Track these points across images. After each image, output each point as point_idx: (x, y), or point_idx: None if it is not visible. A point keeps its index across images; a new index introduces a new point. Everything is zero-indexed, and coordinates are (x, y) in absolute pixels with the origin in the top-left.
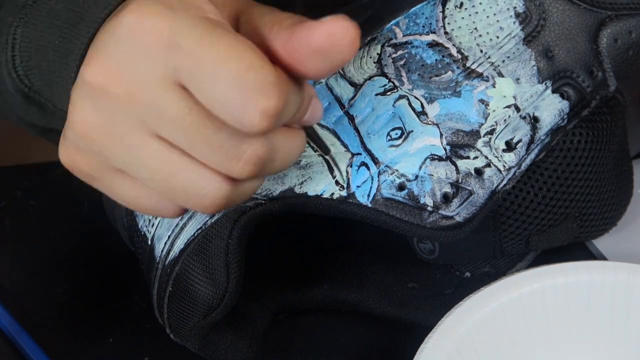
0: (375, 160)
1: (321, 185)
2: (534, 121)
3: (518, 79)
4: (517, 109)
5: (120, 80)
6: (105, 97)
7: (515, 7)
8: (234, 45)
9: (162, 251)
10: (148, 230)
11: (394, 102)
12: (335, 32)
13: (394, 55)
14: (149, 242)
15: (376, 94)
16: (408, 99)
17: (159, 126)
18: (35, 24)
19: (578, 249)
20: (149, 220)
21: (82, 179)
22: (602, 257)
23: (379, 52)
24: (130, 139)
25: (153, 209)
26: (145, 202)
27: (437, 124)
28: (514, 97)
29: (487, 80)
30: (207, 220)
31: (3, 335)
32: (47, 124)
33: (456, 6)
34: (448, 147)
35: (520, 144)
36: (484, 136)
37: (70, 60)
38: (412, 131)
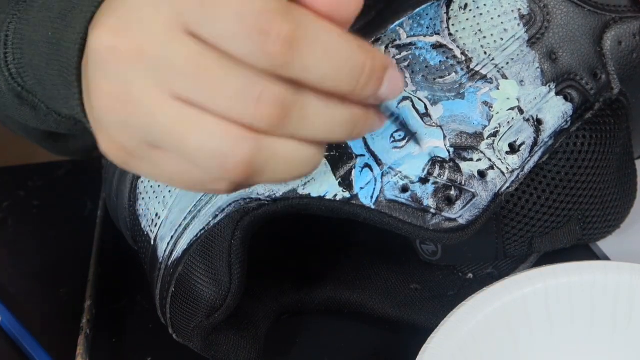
0: (378, 162)
1: (324, 186)
2: (538, 123)
3: (522, 81)
4: (521, 111)
5: (128, 36)
6: (115, 60)
7: (519, 9)
8: None
9: (165, 251)
10: (151, 231)
11: (398, 104)
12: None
13: (397, 57)
14: (152, 242)
15: None
16: (412, 101)
17: (172, 79)
18: (27, 19)
19: (581, 250)
20: (152, 220)
21: (123, 165)
22: (605, 258)
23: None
24: (147, 100)
25: (196, 181)
26: (190, 177)
27: (440, 126)
28: (518, 100)
29: (491, 82)
30: (210, 221)
31: (5, 335)
32: (40, 125)
33: (460, 7)
34: (452, 149)
35: (523, 147)
36: (487, 138)
37: (64, 48)
38: (415, 133)
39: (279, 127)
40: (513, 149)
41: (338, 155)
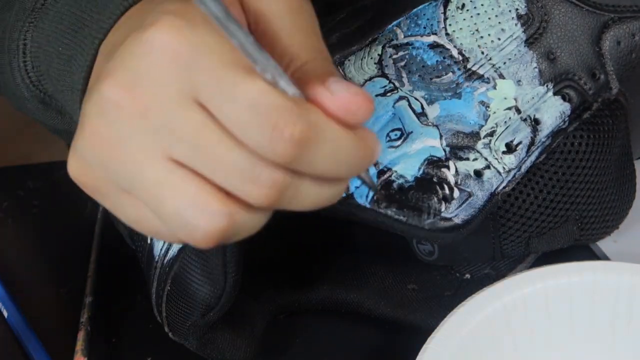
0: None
1: None
2: (535, 123)
3: (519, 80)
4: (518, 110)
5: (137, 96)
6: (119, 112)
7: (517, 9)
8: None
9: (161, 250)
10: None
11: (394, 103)
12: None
13: (394, 56)
14: (148, 241)
15: (376, 95)
16: (408, 100)
17: (171, 144)
18: (42, 28)
19: (581, 250)
20: None
21: (88, 193)
22: (605, 258)
23: (380, 53)
24: (139, 155)
25: (156, 232)
26: (148, 225)
27: (437, 126)
28: (515, 99)
29: (488, 82)
30: None
31: (10, 333)
32: (69, 127)
33: (458, 7)
34: (448, 149)
35: (520, 146)
36: (484, 138)
37: (74, 68)
38: (411, 132)
39: (269, 206)
40: (510, 148)
41: None
